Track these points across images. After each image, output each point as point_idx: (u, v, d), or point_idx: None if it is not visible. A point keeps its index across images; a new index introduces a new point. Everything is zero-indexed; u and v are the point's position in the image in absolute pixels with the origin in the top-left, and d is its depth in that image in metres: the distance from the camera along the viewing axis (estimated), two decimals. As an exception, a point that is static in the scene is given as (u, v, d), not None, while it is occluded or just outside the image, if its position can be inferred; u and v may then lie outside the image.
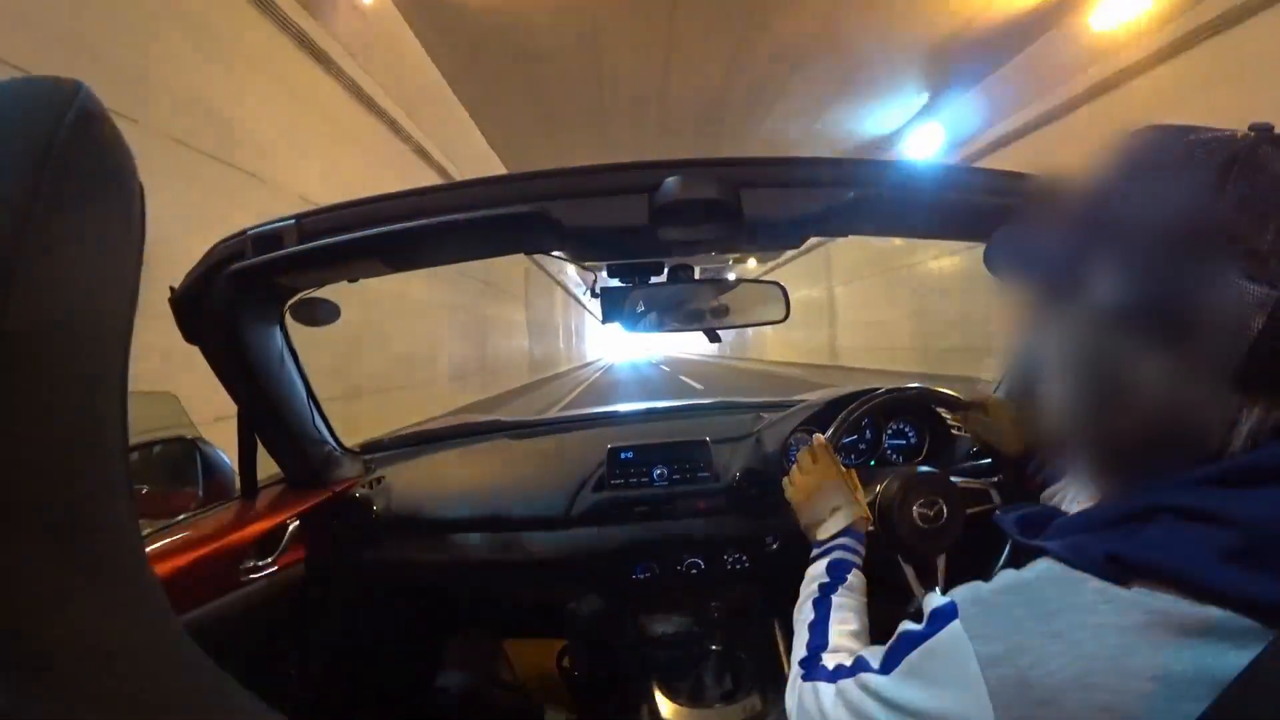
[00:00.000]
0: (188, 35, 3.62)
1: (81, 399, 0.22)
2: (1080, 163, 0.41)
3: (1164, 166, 0.35)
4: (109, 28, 3.05)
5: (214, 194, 3.67)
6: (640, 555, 1.12)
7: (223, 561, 0.84)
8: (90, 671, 0.20)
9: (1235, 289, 0.31)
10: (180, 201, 3.20)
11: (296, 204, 1.87)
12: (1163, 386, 0.34)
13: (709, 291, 0.92)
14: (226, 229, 0.77)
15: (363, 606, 1.13)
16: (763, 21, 6.17)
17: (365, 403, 5.38)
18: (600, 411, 1.55)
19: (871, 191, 0.73)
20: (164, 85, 3.40)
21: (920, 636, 0.40)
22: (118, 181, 0.24)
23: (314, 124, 5.13)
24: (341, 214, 0.74)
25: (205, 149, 3.71)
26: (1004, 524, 0.48)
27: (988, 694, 0.34)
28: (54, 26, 2.69)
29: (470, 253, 0.87)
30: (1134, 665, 0.31)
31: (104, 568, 0.22)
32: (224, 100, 3.91)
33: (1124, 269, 0.35)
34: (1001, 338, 1.43)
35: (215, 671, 0.26)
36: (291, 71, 4.80)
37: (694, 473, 1.16)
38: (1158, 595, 0.32)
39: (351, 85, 5.62)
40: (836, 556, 0.72)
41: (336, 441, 1.14)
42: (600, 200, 0.70)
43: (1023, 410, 0.95)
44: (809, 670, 0.57)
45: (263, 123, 4.34)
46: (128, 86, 3.16)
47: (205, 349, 0.86)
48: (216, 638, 0.79)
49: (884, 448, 1.26)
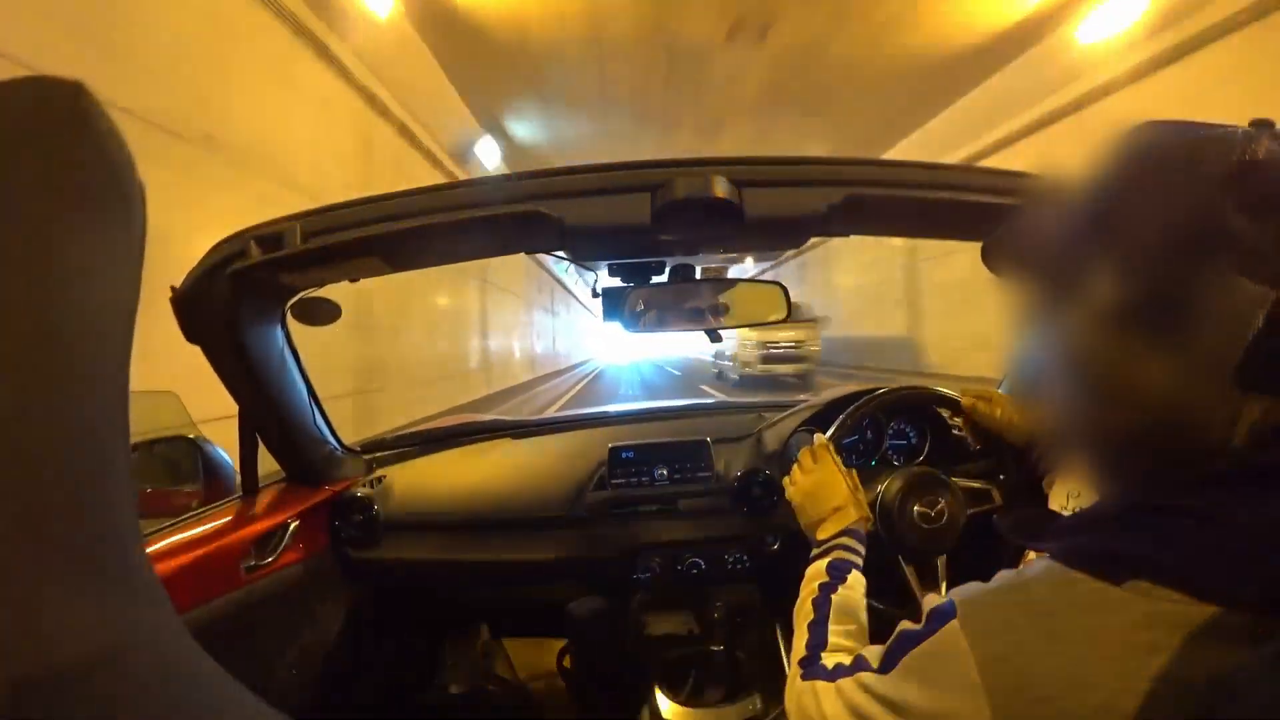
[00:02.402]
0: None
1: (82, 398, 0.22)
2: (1074, 163, 0.40)
3: (1164, 164, 0.35)
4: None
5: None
6: (641, 555, 1.12)
7: (223, 560, 0.84)
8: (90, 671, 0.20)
9: (1235, 287, 0.31)
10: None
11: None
12: (1162, 385, 0.34)
13: (710, 291, 0.92)
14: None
15: (363, 606, 1.13)
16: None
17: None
18: (601, 411, 1.55)
19: (873, 191, 0.73)
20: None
21: (918, 636, 0.40)
22: (118, 180, 0.24)
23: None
24: (342, 213, 0.74)
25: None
26: (1003, 528, 0.48)
27: (985, 694, 0.34)
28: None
29: (472, 252, 0.87)
30: (1131, 665, 0.31)
31: (104, 567, 0.22)
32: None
33: (1123, 267, 0.35)
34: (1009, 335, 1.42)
35: (216, 670, 0.26)
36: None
37: (695, 473, 1.16)
38: (1155, 594, 0.32)
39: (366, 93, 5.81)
40: (836, 556, 0.72)
41: (337, 440, 1.14)
42: (602, 199, 0.70)
43: (1025, 401, 0.95)
44: (808, 670, 0.57)
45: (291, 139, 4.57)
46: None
47: (206, 348, 0.86)
48: (217, 636, 0.79)
49: (885, 448, 1.26)
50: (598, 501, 1.14)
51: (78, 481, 0.22)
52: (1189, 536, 0.32)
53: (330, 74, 5.22)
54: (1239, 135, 0.33)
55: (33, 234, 0.20)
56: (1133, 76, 5.17)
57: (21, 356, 0.20)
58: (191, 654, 0.25)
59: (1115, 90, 5.43)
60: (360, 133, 5.88)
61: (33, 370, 0.20)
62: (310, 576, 1.00)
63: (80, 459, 0.22)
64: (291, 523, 0.97)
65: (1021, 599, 0.36)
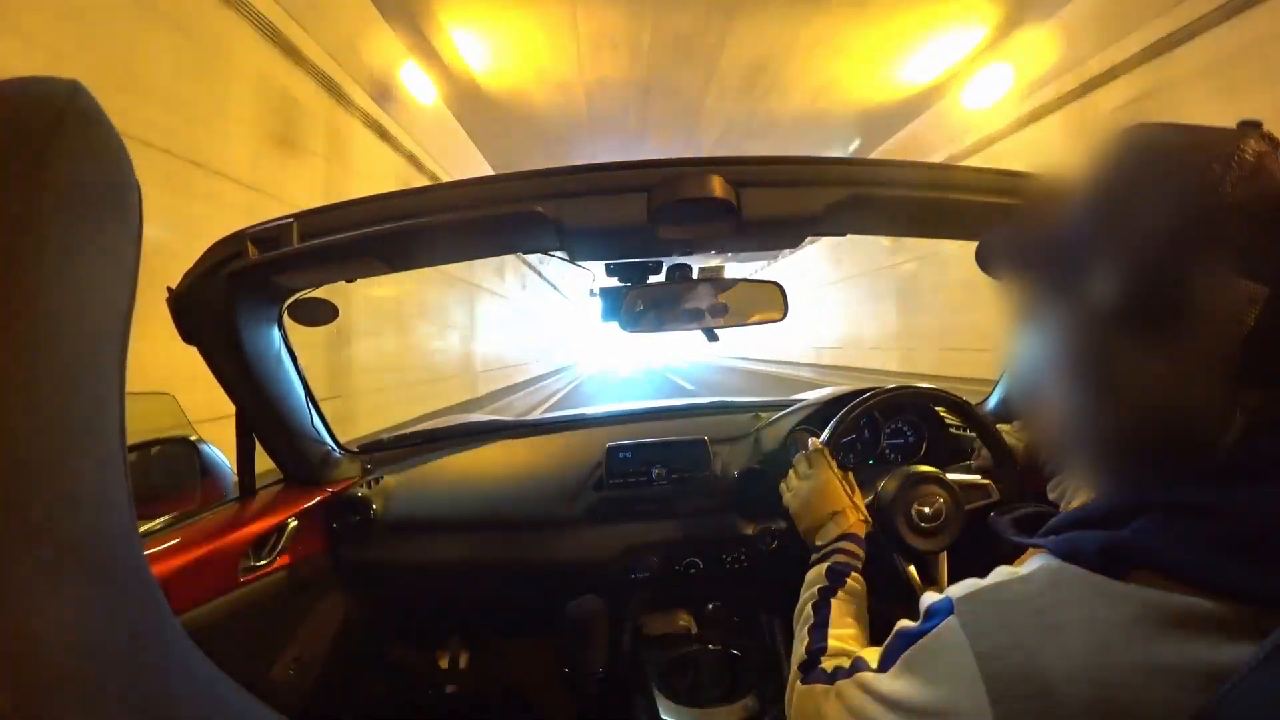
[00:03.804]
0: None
1: (80, 399, 0.22)
2: (1070, 161, 0.42)
3: (1156, 164, 0.35)
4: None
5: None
6: (639, 555, 1.12)
7: (221, 561, 0.84)
8: (90, 671, 0.20)
9: (1228, 285, 0.31)
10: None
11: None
12: (1157, 383, 0.34)
13: (707, 290, 0.92)
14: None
15: (361, 606, 1.13)
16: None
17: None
18: (599, 411, 1.55)
19: (870, 191, 0.73)
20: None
21: (916, 633, 0.40)
22: (115, 182, 0.24)
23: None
24: (340, 213, 0.74)
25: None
26: (998, 527, 0.48)
27: (984, 689, 0.34)
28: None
29: (469, 252, 0.87)
30: (1129, 658, 0.31)
31: (102, 568, 0.22)
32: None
33: (1117, 266, 0.35)
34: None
35: (214, 671, 0.26)
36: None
37: (693, 472, 1.16)
38: (1152, 588, 0.32)
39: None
40: (835, 560, 0.73)
41: (335, 441, 1.14)
42: (599, 199, 0.70)
43: (1025, 428, 0.96)
44: (807, 673, 0.57)
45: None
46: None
47: (203, 349, 0.85)
48: (215, 637, 0.79)
49: (883, 447, 1.26)
50: (596, 501, 1.13)
51: (74, 483, 0.22)
52: (1187, 530, 0.32)
53: (386, 147, 6.43)
54: (1229, 135, 0.34)
55: (28, 233, 0.20)
56: (1010, 129, 7.15)
57: (17, 357, 0.20)
58: (189, 655, 0.25)
59: (998, 140, 7.38)
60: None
61: (29, 371, 0.20)
62: (308, 577, 0.99)
63: (77, 460, 0.22)
64: (289, 524, 0.96)
65: (1020, 594, 0.36)
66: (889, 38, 6.33)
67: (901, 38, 6.35)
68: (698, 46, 6.51)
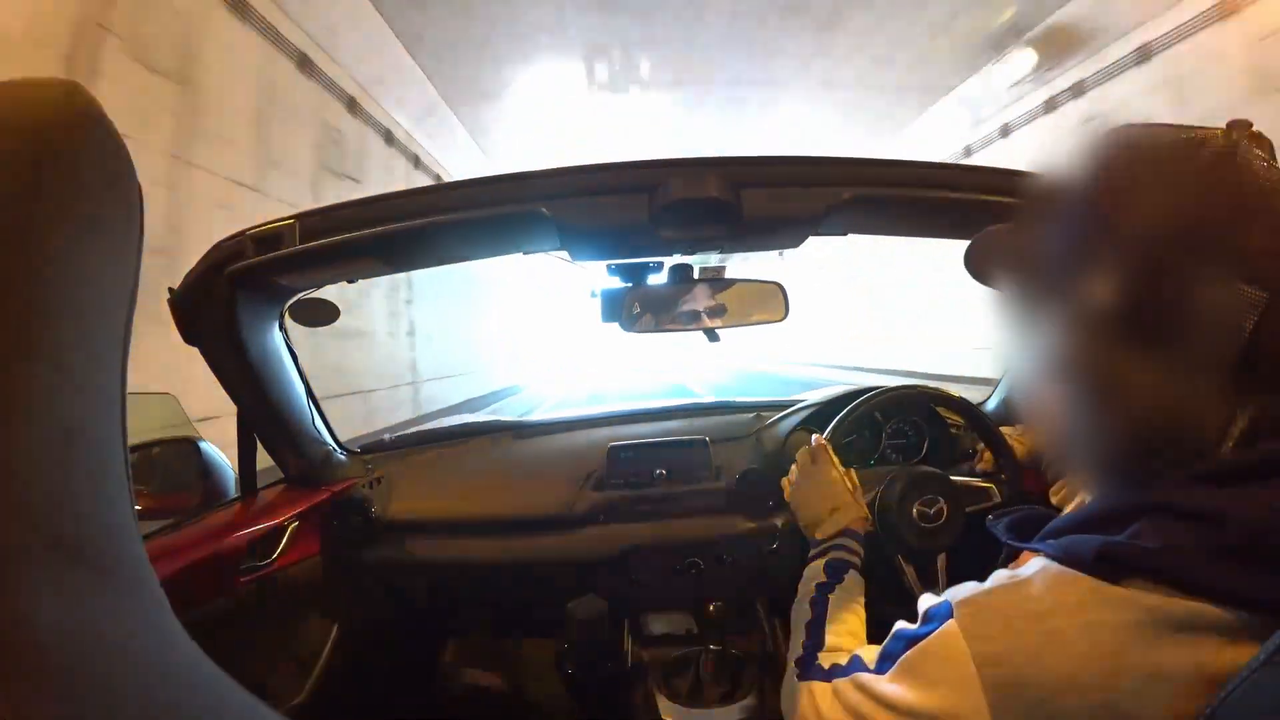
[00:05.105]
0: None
1: (81, 399, 0.22)
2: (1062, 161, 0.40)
3: (1148, 167, 0.35)
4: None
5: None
6: (640, 555, 1.12)
7: (222, 562, 0.84)
8: (90, 672, 0.20)
9: (1226, 290, 0.31)
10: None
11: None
12: (1156, 387, 0.34)
13: (708, 290, 0.92)
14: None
15: (362, 606, 1.13)
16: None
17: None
18: (600, 412, 1.55)
19: (871, 191, 0.73)
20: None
21: (915, 636, 0.40)
22: (116, 182, 0.24)
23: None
24: (341, 214, 0.74)
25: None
26: (996, 530, 0.48)
27: (983, 693, 0.34)
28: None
29: (471, 252, 0.87)
30: (1128, 663, 0.31)
31: (104, 568, 0.22)
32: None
33: (1115, 272, 0.34)
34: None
35: (215, 672, 0.26)
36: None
37: (694, 472, 1.16)
38: (1151, 593, 0.32)
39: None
40: (834, 557, 0.73)
41: (336, 441, 1.14)
42: (600, 199, 0.70)
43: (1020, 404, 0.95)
44: (805, 670, 0.57)
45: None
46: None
47: (204, 350, 0.85)
48: (216, 637, 0.79)
49: (884, 447, 1.26)
50: (596, 501, 1.13)
51: (75, 483, 0.22)
52: (1185, 535, 0.32)
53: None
54: (1219, 136, 0.33)
55: (29, 233, 0.20)
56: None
57: (18, 358, 0.20)
58: (190, 655, 0.25)
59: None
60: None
61: (29, 371, 0.20)
62: (309, 577, 1.00)
63: (77, 460, 0.22)
64: (290, 524, 0.96)
65: (1018, 598, 0.36)
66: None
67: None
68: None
